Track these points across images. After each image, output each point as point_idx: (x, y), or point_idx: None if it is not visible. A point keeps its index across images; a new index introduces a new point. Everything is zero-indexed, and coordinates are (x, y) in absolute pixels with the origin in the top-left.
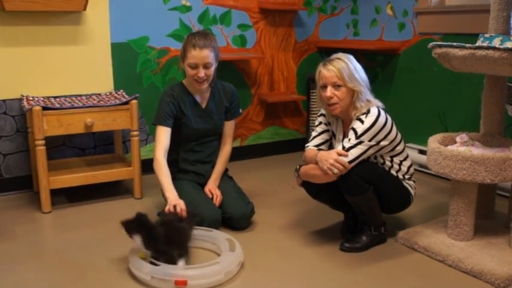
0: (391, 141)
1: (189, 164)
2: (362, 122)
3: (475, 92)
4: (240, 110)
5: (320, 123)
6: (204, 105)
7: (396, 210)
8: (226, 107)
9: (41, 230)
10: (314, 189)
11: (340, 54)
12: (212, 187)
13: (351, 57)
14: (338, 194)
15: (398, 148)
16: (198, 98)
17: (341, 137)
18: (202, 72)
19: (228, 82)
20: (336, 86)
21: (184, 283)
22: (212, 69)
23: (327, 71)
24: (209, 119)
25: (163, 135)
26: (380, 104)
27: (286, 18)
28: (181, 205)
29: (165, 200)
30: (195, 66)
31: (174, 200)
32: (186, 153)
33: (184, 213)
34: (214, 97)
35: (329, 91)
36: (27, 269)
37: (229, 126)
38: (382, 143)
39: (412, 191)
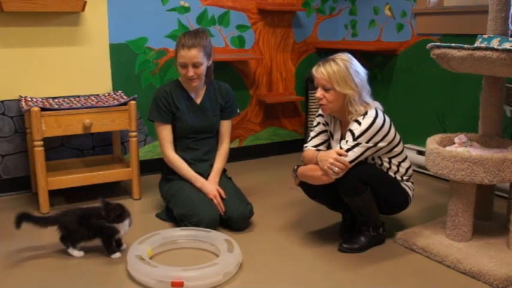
0: (389, 142)
1: (187, 163)
2: (359, 123)
3: (474, 93)
4: (238, 110)
5: (318, 123)
6: (198, 102)
7: (394, 212)
8: (222, 105)
9: (39, 230)
10: (312, 190)
11: (338, 56)
12: (211, 189)
13: (350, 60)
14: (336, 195)
15: (396, 149)
16: (192, 94)
17: (339, 137)
18: (191, 72)
19: (225, 83)
20: (325, 89)
21: (181, 285)
22: (202, 68)
23: (317, 74)
24: (204, 115)
25: (165, 131)
26: (379, 106)
27: (284, 19)
28: (217, 198)
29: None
30: (184, 65)
31: (212, 190)
32: (183, 151)
33: (221, 207)
34: (209, 94)
35: (318, 92)
36: (25, 269)
37: (226, 126)
38: (380, 145)
39: (410, 193)
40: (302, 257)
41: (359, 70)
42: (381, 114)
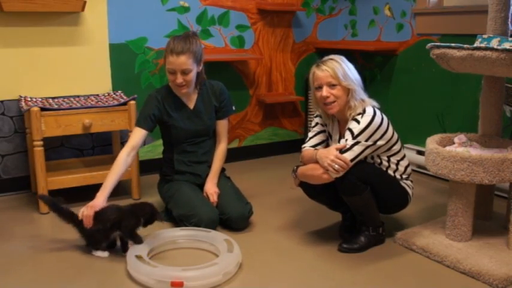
0: (388, 140)
1: (184, 165)
2: (358, 122)
3: (473, 93)
4: (233, 108)
5: (316, 124)
6: (192, 106)
7: (394, 211)
8: (216, 107)
9: (39, 230)
10: (312, 190)
11: (332, 55)
12: (210, 186)
13: (343, 58)
14: (336, 195)
15: (395, 148)
16: (184, 100)
17: (337, 137)
18: (180, 78)
19: (220, 82)
20: (331, 86)
21: (181, 285)
22: (192, 74)
23: (321, 72)
24: (198, 119)
25: (137, 134)
26: (375, 103)
27: (284, 19)
28: (88, 217)
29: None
30: (173, 72)
31: (92, 205)
32: (180, 154)
33: (89, 223)
34: (202, 97)
35: (325, 91)
36: (25, 269)
37: (222, 125)
38: (379, 143)
39: (409, 191)
40: (302, 257)
41: (351, 67)
42: (378, 112)
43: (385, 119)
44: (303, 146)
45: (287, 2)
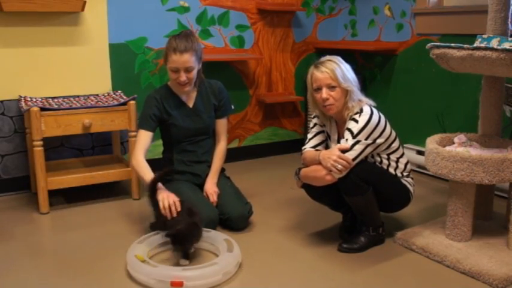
0: (387, 138)
1: (184, 164)
2: (356, 121)
3: (473, 93)
4: (232, 107)
5: (315, 124)
6: (191, 105)
7: (396, 209)
8: (215, 105)
9: (39, 230)
10: (314, 192)
11: (329, 56)
12: (210, 186)
13: (340, 58)
14: (338, 196)
15: (393, 145)
16: (184, 98)
17: (336, 137)
18: (183, 76)
19: (220, 81)
20: (331, 87)
21: (181, 284)
22: (194, 72)
23: (320, 73)
24: (198, 118)
25: (143, 137)
26: (372, 102)
27: (284, 19)
28: (176, 202)
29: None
30: (176, 70)
31: (166, 195)
32: (180, 153)
33: (177, 209)
34: (201, 96)
35: (325, 92)
36: (25, 269)
37: (222, 124)
38: (378, 141)
39: (411, 188)
40: (301, 257)
41: (349, 68)
42: (375, 111)
43: (382, 117)
44: (303, 147)
45: (287, 2)
